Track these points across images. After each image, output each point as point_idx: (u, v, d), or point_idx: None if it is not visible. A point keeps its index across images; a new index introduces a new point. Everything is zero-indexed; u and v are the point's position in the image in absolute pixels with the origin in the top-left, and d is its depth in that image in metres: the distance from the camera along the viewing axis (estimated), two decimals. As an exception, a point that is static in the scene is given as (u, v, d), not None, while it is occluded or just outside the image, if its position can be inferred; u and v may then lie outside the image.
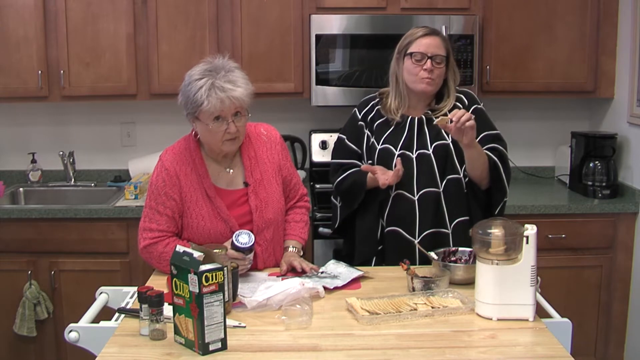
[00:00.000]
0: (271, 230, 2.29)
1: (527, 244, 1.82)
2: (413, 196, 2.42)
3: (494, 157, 2.39)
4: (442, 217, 2.41)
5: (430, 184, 2.41)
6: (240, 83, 2.13)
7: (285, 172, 2.39)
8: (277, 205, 2.31)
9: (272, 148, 2.36)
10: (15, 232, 3.24)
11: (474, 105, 2.47)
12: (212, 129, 2.13)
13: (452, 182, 2.42)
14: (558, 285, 3.24)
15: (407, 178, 2.41)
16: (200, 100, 2.08)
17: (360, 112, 2.56)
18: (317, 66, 3.38)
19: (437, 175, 2.42)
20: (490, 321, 1.84)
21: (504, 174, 2.41)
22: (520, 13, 3.47)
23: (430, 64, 2.36)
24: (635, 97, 3.35)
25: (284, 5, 3.41)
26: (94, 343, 1.85)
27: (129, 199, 3.36)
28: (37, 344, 3.32)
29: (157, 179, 2.23)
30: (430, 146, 2.43)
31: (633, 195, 3.33)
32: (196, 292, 1.62)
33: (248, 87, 2.15)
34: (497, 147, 2.42)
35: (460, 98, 2.49)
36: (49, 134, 3.84)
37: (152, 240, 2.21)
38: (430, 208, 2.41)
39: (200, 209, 2.21)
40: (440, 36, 2.43)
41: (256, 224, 2.25)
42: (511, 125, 3.84)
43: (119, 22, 3.40)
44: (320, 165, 3.67)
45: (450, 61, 2.44)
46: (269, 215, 2.27)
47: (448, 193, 2.42)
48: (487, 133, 2.44)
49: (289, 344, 1.71)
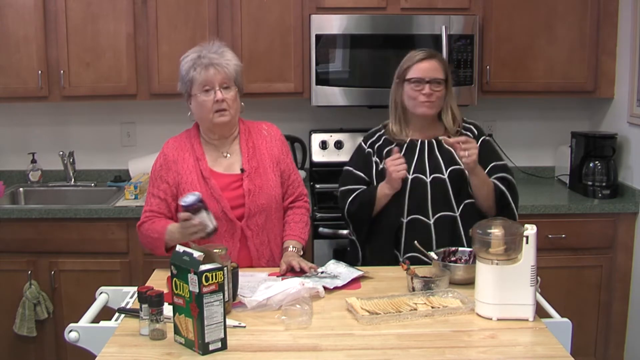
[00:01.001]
0: (263, 216, 2.33)
1: (527, 244, 1.82)
2: (429, 220, 2.41)
3: (501, 187, 2.40)
4: (459, 242, 2.39)
5: (446, 208, 2.41)
6: (226, 55, 2.30)
7: (284, 166, 2.41)
8: (271, 192, 2.34)
9: (271, 142, 2.41)
10: (15, 232, 3.24)
11: (482, 137, 2.49)
12: (201, 101, 2.26)
13: (467, 206, 2.42)
14: (558, 285, 3.24)
15: (422, 202, 2.41)
16: (187, 71, 2.27)
17: (366, 143, 2.55)
18: (317, 66, 3.39)
19: (452, 199, 2.41)
20: (490, 321, 1.84)
21: (512, 202, 2.42)
22: (520, 13, 3.47)
23: (428, 88, 2.39)
24: (635, 97, 3.35)
25: (284, 5, 3.41)
26: (94, 343, 1.85)
27: (129, 199, 3.36)
28: (37, 344, 3.32)
29: (155, 163, 2.38)
30: (446, 170, 2.43)
31: (633, 195, 3.33)
32: (196, 292, 1.62)
33: (234, 60, 2.31)
34: (506, 177, 2.44)
35: (470, 129, 2.51)
36: (49, 134, 3.84)
37: (143, 220, 2.34)
38: (447, 232, 2.40)
39: (194, 189, 2.27)
40: (438, 59, 2.45)
41: (248, 208, 2.30)
42: (511, 125, 3.85)
43: (119, 22, 3.40)
44: (320, 165, 3.67)
45: (449, 83, 2.46)
46: (262, 200, 2.32)
47: (465, 217, 2.40)
48: (495, 164, 2.45)
49: (289, 344, 1.71)
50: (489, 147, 2.50)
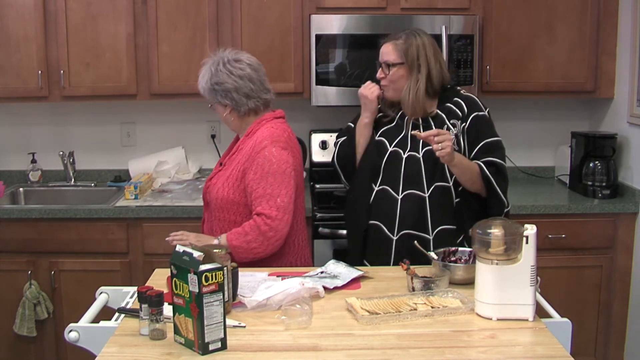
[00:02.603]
0: (209, 210, 2.51)
1: (527, 244, 1.82)
2: (397, 195, 2.44)
3: (487, 173, 2.36)
4: (424, 222, 2.41)
5: (416, 187, 2.43)
6: (205, 77, 2.44)
7: (247, 180, 2.36)
8: (218, 192, 2.44)
9: (249, 152, 2.39)
10: (15, 232, 3.24)
11: (473, 114, 2.43)
12: None
13: (439, 189, 2.42)
14: (558, 285, 3.24)
15: (394, 176, 2.45)
16: None
17: None
18: (317, 66, 3.39)
19: (424, 179, 2.42)
20: (490, 321, 1.84)
21: (499, 188, 2.38)
22: (520, 13, 3.47)
23: (380, 71, 2.47)
24: (635, 97, 3.35)
25: (284, 5, 3.41)
26: (94, 343, 1.85)
27: (129, 199, 3.36)
28: (37, 344, 3.32)
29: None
30: (421, 150, 2.43)
31: (633, 195, 3.33)
32: (196, 292, 1.62)
33: (206, 81, 2.44)
34: (494, 162, 2.39)
35: (460, 105, 2.45)
36: (49, 134, 3.84)
37: None
38: (413, 210, 2.42)
39: None
40: (393, 42, 2.45)
41: (204, 196, 2.55)
42: (511, 125, 3.85)
43: (119, 22, 3.41)
44: (320, 165, 3.67)
45: (412, 65, 2.41)
46: (209, 196, 2.50)
47: (433, 199, 2.42)
48: (485, 142, 2.41)
49: (288, 344, 1.71)
50: (481, 123, 2.44)
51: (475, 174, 2.37)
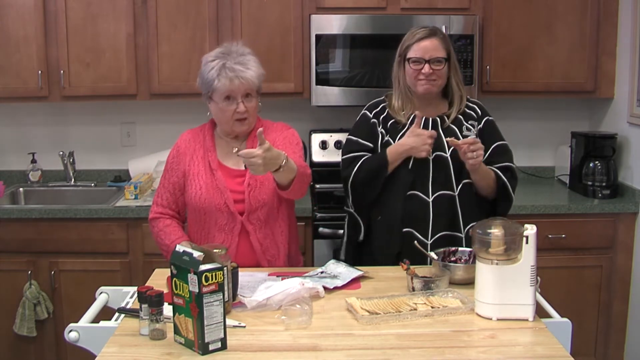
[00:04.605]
0: (265, 211, 2.31)
1: (527, 244, 1.82)
2: (428, 198, 2.41)
3: (504, 178, 2.42)
4: (456, 221, 2.41)
5: (446, 187, 2.42)
6: (250, 65, 2.28)
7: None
8: (272, 186, 2.28)
9: (277, 139, 2.35)
10: (15, 232, 3.24)
11: (486, 117, 2.51)
12: (222, 108, 2.28)
13: (466, 186, 2.43)
14: (558, 285, 3.24)
15: (423, 179, 2.41)
16: (212, 80, 2.24)
17: (371, 112, 2.54)
18: (317, 66, 3.39)
19: (452, 178, 2.42)
20: (490, 321, 1.84)
21: (512, 190, 2.45)
22: (520, 13, 3.47)
23: (428, 67, 2.38)
24: (635, 97, 3.35)
25: (284, 5, 3.41)
26: (94, 343, 1.85)
27: (129, 199, 3.36)
28: (37, 344, 3.32)
29: (169, 154, 2.45)
30: (448, 149, 2.42)
31: (633, 195, 3.33)
32: (196, 292, 1.62)
33: (258, 70, 2.30)
34: (510, 167, 2.45)
35: (473, 108, 2.52)
36: (49, 134, 3.84)
37: (156, 215, 2.41)
38: (445, 211, 2.41)
39: (200, 180, 2.33)
40: (439, 37, 2.43)
41: (248, 202, 2.29)
42: (511, 125, 3.82)
43: (119, 22, 3.41)
44: (320, 165, 3.66)
45: (452, 60, 2.45)
46: (262, 195, 2.30)
47: (463, 197, 2.42)
48: (498, 144, 2.48)
49: (288, 344, 1.71)
50: (493, 127, 2.52)
51: (492, 180, 2.41)
